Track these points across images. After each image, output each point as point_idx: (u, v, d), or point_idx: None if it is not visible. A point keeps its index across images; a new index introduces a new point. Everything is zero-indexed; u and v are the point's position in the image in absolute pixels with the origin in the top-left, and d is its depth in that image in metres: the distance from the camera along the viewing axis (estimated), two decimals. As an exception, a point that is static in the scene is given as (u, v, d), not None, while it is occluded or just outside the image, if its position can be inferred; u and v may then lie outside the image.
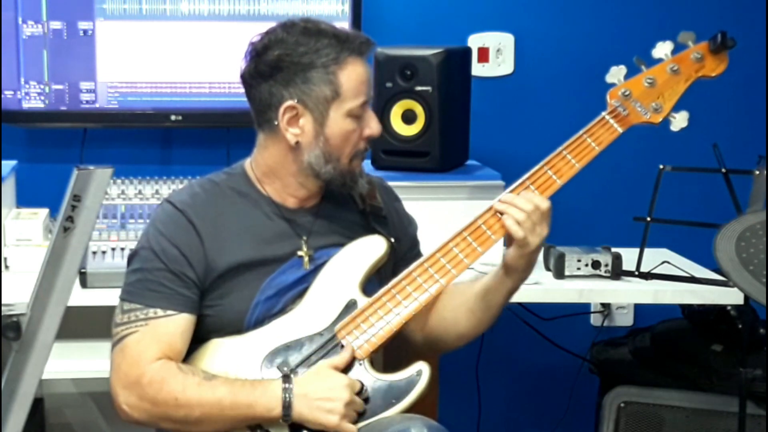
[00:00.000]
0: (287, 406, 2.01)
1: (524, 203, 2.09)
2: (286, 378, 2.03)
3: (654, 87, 2.17)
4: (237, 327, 2.10)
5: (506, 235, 2.13)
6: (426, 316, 2.26)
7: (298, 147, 2.12)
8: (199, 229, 2.11)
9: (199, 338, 2.11)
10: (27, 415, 1.71)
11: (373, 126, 2.14)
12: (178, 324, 2.07)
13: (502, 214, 2.11)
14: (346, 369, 2.08)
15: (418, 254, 2.28)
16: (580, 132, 2.15)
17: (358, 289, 2.14)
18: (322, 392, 2.02)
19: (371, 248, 2.18)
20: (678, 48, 2.19)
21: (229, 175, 2.21)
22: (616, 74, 2.18)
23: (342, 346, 2.09)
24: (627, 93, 2.17)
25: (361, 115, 2.12)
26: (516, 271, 2.15)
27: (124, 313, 2.09)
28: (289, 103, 2.10)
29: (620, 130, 2.16)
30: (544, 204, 2.10)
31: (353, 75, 2.10)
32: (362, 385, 2.07)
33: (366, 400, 2.06)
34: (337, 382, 2.03)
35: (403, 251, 2.28)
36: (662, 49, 2.18)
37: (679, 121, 2.18)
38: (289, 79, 2.09)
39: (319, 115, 2.10)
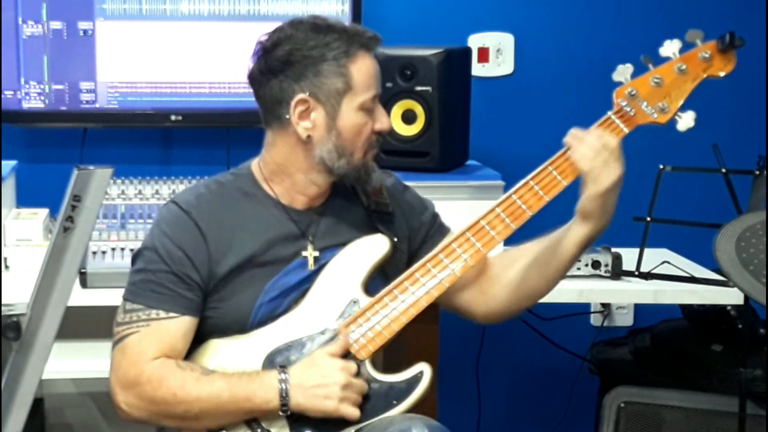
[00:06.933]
0: (284, 396, 2.01)
1: (594, 139, 2.06)
2: (282, 369, 2.04)
3: (661, 86, 2.13)
4: (240, 328, 2.10)
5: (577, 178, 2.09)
6: (481, 285, 2.24)
7: (309, 141, 2.11)
8: (204, 230, 2.10)
9: (200, 338, 2.11)
10: (27, 415, 1.71)
11: (383, 120, 2.14)
12: (180, 326, 2.07)
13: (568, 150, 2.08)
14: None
15: (442, 228, 2.28)
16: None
17: (360, 288, 2.14)
18: (316, 379, 2.02)
19: (374, 247, 2.17)
20: (685, 47, 2.15)
21: (236, 176, 2.20)
22: (622, 73, 2.14)
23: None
24: (634, 92, 2.13)
25: (372, 109, 2.13)
26: (591, 217, 2.07)
27: (126, 313, 2.09)
28: (300, 96, 2.09)
29: (626, 130, 2.12)
30: (613, 141, 2.06)
31: (363, 68, 2.10)
32: (358, 367, 2.06)
33: (368, 396, 2.05)
34: (330, 366, 2.03)
35: (423, 236, 2.26)
36: (670, 48, 2.14)
37: (686, 121, 2.14)
38: (301, 73, 2.08)
39: (331, 109, 2.09)
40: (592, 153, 2.05)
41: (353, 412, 2.03)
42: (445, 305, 2.26)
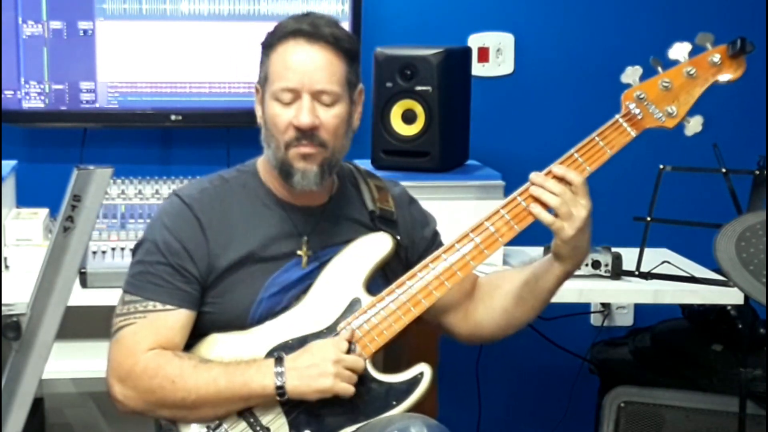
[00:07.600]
0: (280, 379, 2.01)
1: (554, 186, 2.06)
2: (279, 358, 2.04)
3: (670, 90, 2.11)
4: (240, 324, 2.10)
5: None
6: (467, 307, 2.25)
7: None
8: (205, 224, 2.11)
9: (201, 334, 2.12)
10: (27, 415, 1.71)
11: (299, 116, 2.06)
12: (177, 319, 2.08)
13: (534, 199, 2.07)
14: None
15: (440, 246, 2.25)
16: (593, 135, 2.10)
17: (362, 287, 2.13)
18: (308, 360, 2.03)
19: (376, 246, 2.17)
20: (695, 50, 2.13)
21: (240, 172, 2.21)
22: (631, 75, 2.12)
23: (350, 345, 2.07)
24: (642, 95, 2.11)
25: (290, 103, 2.07)
26: (564, 257, 2.10)
27: (124, 305, 2.10)
28: (255, 83, 2.16)
29: (633, 133, 2.11)
30: (577, 179, 2.07)
31: (280, 58, 2.09)
32: (349, 344, 2.07)
33: (368, 396, 2.05)
34: (320, 346, 2.04)
35: (420, 251, 2.25)
36: (679, 51, 2.12)
37: (694, 125, 2.13)
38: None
39: (263, 96, 2.13)
40: (556, 201, 2.05)
41: (345, 388, 2.02)
42: (431, 323, 2.26)
